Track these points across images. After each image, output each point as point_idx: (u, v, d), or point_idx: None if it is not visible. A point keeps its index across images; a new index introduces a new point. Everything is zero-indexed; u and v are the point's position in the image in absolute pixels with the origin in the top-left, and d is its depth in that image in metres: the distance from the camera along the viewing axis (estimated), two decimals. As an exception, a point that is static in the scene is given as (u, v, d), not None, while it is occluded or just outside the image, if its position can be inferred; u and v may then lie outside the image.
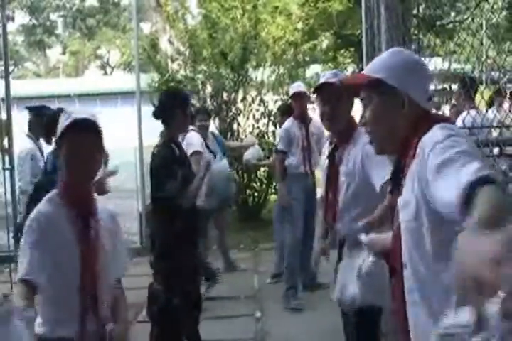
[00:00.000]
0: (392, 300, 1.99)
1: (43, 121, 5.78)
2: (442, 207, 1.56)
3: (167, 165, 3.89)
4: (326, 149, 3.61)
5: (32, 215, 2.42)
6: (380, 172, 3.06)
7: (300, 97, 6.05)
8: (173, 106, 4.04)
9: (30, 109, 5.95)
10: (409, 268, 1.81)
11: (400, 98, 1.90)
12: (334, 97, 3.29)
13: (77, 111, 2.62)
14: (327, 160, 3.48)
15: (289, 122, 6.15)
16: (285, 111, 6.59)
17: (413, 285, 1.81)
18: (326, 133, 6.21)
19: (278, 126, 8.67)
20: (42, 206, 2.46)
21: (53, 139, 5.45)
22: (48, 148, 5.61)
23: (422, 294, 1.79)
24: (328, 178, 3.46)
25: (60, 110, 5.60)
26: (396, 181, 1.93)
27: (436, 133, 1.75)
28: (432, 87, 1.97)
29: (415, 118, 1.89)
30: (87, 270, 2.38)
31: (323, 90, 3.39)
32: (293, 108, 6.23)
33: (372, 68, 2.00)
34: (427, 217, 1.71)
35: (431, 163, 1.64)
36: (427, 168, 1.65)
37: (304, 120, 6.12)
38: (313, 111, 6.28)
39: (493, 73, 6.79)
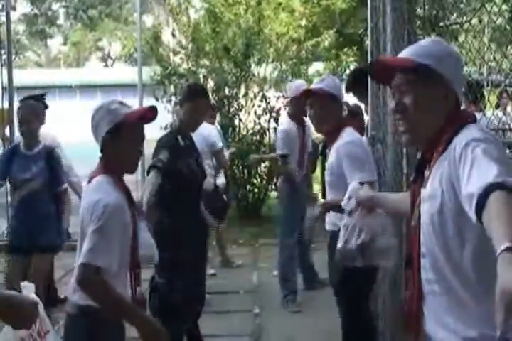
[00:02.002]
0: (405, 289, 2.00)
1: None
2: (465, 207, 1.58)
3: (164, 149, 3.89)
4: None
5: (102, 201, 2.50)
6: (353, 175, 3.36)
7: (297, 99, 5.98)
8: (183, 99, 4.08)
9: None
10: (429, 259, 1.82)
11: (446, 89, 1.85)
12: (321, 101, 3.64)
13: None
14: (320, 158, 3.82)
15: (286, 123, 6.02)
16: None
17: (432, 276, 1.82)
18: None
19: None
20: (107, 193, 2.55)
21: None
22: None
23: (441, 285, 1.79)
24: (322, 174, 3.82)
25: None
26: (420, 172, 1.92)
27: (473, 132, 1.73)
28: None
29: (452, 112, 1.85)
30: (134, 247, 2.65)
31: (312, 94, 3.71)
32: None
33: (417, 53, 1.87)
34: (451, 212, 1.72)
35: (462, 162, 1.64)
36: (458, 166, 1.66)
37: (301, 122, 5.94)
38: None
39: (494, 76, 6.79)
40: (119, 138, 2.60)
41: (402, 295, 2.04)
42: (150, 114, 2.70)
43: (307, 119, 5.65)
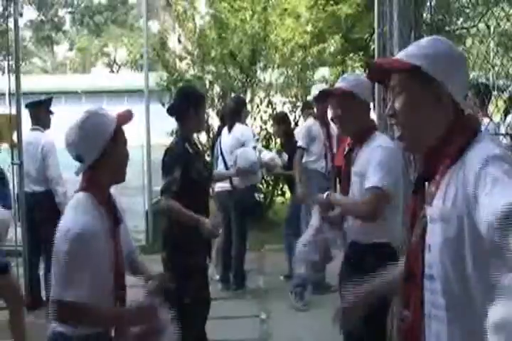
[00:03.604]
0: (403, 306, 1.83)
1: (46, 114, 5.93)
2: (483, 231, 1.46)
3: (175, 163, 3.90)
4: None
5: (71, 230, 2.35)
6: (372, 178, 3.16)
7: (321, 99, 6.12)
8: (186, 104, 4.05)
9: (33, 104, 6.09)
10: (440, 284, 1.67)
11: (438, 90, 1.71)
12: (340, 101, 3.37)
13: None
14: (344, 161, 3.55)
15: (310, 121, 6.35)
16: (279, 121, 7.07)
17: (442, 302, 1.67)
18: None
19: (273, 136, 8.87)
20: (80, 216, 2.40)
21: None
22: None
23: (453, 313, 1.65)
24: (343, 178, 3.53)
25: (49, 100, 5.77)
26: (421, 184, 1.79)
27: (489, 147, 1.61)
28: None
29: (452, 118, 1.72)
30: (118, 268, 2.47)
31: (333, 94, 3.46)
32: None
33: (411, 54, 1.77)
34: (470, 238, 1.56)
35: (482, 183, 1.50)
36: (476, 187, 1.52)
37: (325, 121, 6.26)
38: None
39: (501, 81, 6.79)
40: (116, 145, 2.51)
41: (398, 311, 1.86)
42: (129, 116, 2.59)
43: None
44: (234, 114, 6.56)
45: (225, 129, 6.65)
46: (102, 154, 2.46)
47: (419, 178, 1.82)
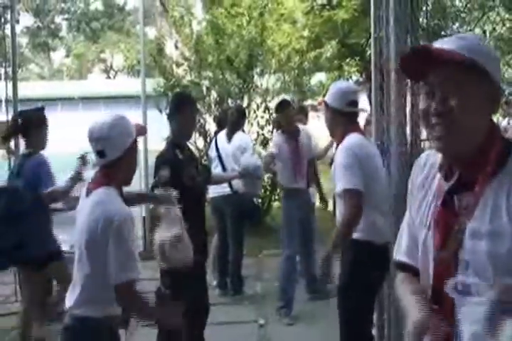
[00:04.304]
0: (431, 331, 1.58)
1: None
2: None
3: (163, 164, 3.90)
4: None
5: (118, 215, 2.56)
6: (340, 180, 3.49)
7: (283, 109, 6.05)
8: (173, 110, 4.05)
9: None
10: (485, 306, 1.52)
11: (491, 89, 1.56)
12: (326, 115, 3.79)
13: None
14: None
15: (277, 136, 6.17)
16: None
17: (480, 327, 1.51)
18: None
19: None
20: (118, 205, 2.62)
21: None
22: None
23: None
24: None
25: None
26: (452, 195, 1.63)
27: None
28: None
29: (492, 122, 1.59)
30: None
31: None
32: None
33: (461, 47, 1.55)
34: None
35: None
36: None
37: (292, 133, 6.04)
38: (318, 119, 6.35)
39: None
40: (134, 150, 2.73)
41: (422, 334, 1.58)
42: (144, 131, 2.99)
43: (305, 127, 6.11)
44: (235, 123, 6.61)
45: (223, 135, 6.66)
46: (123, 154, 2.65)
47: (453, 189, 1.62)
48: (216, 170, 6.37)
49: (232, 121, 6.61)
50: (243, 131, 6.98)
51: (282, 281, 5.89)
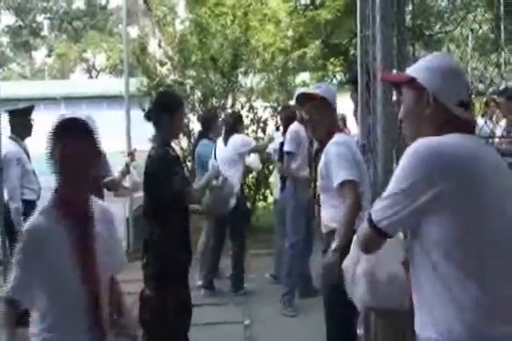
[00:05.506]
0: None
1: (27, 121, 5.72)
2: None
3: (167, 165, 3.83)
4: None
5: (25, 228, 2.33)
6: (339, 172, 3.46)
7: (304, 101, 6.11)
8: (162, 110, 3.99)
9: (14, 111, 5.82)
10: None
11: (428, 98, 2.02)
12: (315, 108, 3.73)
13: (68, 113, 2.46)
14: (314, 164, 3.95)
15: (296, 125, 6.19)
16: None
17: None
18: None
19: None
20: (35, 219, 2.35)
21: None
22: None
23: None
24: (314, 179, 3.88)
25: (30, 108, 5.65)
26: None
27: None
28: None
29: (441, 121, 2.02)
30: (88, 279, 2.34)
31: (305, 101, 3.77)
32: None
33: (413, 68, 2.13)
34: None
35: None
36: None
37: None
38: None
39: (478, 85, 6.82)
40: None
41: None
42: None
43: None
44: (231, 129, 6.72)
45: (218, 140, 6.72)
46: None
47: None
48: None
49: (227, 126, 6.77)
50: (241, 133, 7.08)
51: (288, 266, 5.96)
